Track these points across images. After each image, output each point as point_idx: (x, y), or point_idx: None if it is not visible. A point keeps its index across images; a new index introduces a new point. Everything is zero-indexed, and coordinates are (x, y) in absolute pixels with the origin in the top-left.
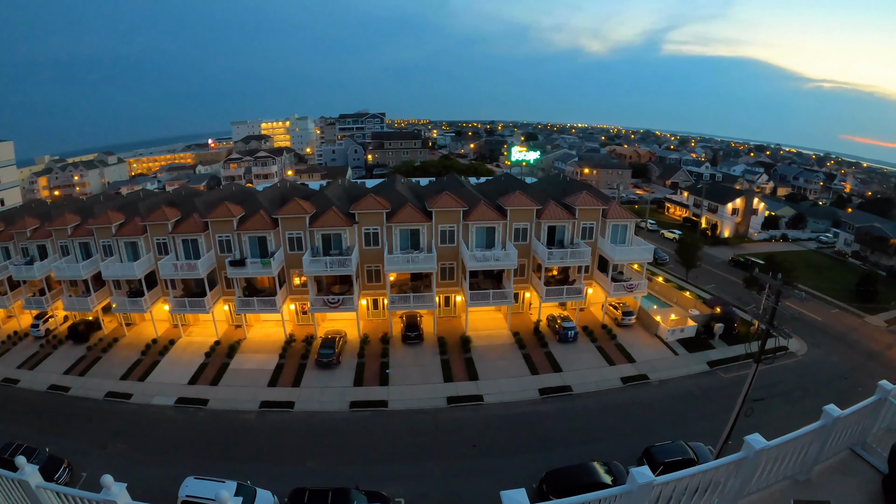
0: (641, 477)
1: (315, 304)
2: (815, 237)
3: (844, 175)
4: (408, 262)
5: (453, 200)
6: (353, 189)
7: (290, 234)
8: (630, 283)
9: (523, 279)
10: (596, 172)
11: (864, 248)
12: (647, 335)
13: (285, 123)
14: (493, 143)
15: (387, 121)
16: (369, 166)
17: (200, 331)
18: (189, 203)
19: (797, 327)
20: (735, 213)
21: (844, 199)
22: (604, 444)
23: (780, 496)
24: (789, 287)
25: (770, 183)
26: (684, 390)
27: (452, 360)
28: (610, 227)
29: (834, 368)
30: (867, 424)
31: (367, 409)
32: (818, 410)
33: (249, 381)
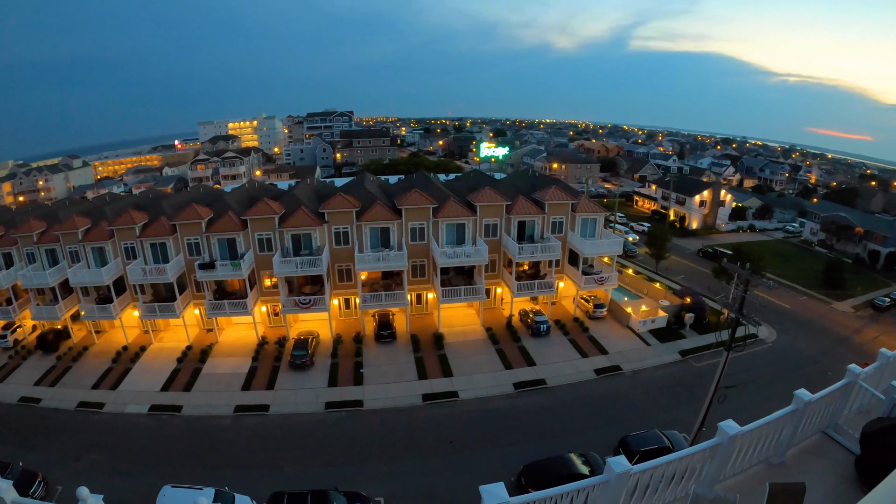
0: (618, 466)
1: (287, 306)
2: (782, 227)
3: (809, 166)
4: (379, 261)
5: (423, 198)
6: (323, 188)
7: (260, 236)
8: (601, 276)
9: (494, 275)
10: (565, 167)
11: (829, 236)
12: (618, 327)
13: (253, 123)
14: (462, 140)
15: (355, 119)
16: (338, 165)
17: (171, 336)
18: (156, 206)
19: (766, 315)
20: (703, 205)
21: (810, 189)
22: (580, 436)
23: (755, 480)
24: (757, 276)
25: (737, 175)
26: (657, 380)
27: (426, 357)
28: (579, 220)
29: (803, 354)
30: (838, 407)
31: (343, 409)
32: (789, 395)
33: (223, 386)
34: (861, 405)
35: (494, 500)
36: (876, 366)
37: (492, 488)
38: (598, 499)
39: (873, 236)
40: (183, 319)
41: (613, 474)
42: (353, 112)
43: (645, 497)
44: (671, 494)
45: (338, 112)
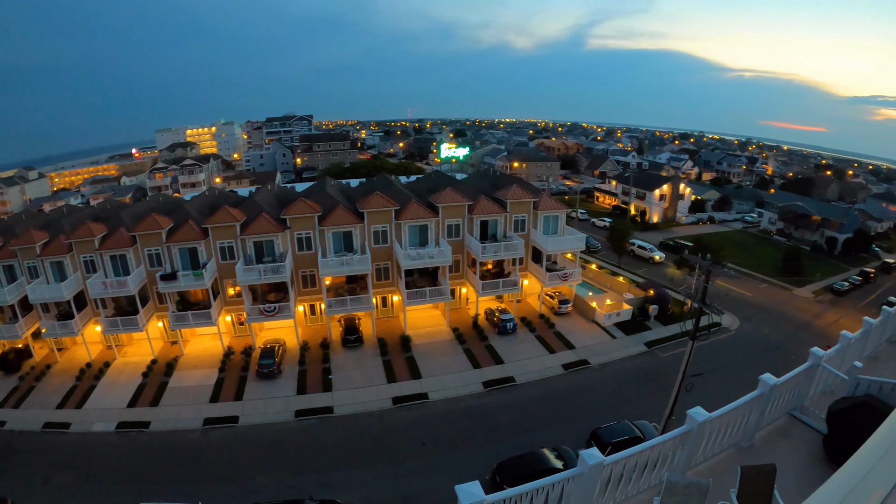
0: (592, 458)
1: (251, 314)
2: (741, 218)
3: (766, 158)
4: (342, 265)
5: (384, 200)
6: (284, 194)
7: (222, 244)
8: (564, 272)
9: (459, 275)
10: (525, 166)
11: (787, 225)
12: (584, 321)
13: (211, 129)
14: (423, 142)
15: (315, 123)
16: (298, 170)
17: (135, 350)
18: (115, 217)
19: (728, 304)
20: (663, 199)
21: (767, 180)
22: (551, 431)
23: (726, 464)
24: (718, 266)
25: (695, 168)
26: (625, 372)
27: (394, 360)
28: (541, 218)
29: (767, 340)
30: (803, 389)
31: (313, 416)
32: (755, 380)
33: (191, 399)
34: (825, 386)
35: (470, 499)
36: (838, 348)
37: (467, 487)
38: (574, 491)
39: (830, 224)
40: (146, 333)
41: (587, 466)
42: (312, 116)
43: (619, 487)
44: (645, 483)
45: (297, 116)
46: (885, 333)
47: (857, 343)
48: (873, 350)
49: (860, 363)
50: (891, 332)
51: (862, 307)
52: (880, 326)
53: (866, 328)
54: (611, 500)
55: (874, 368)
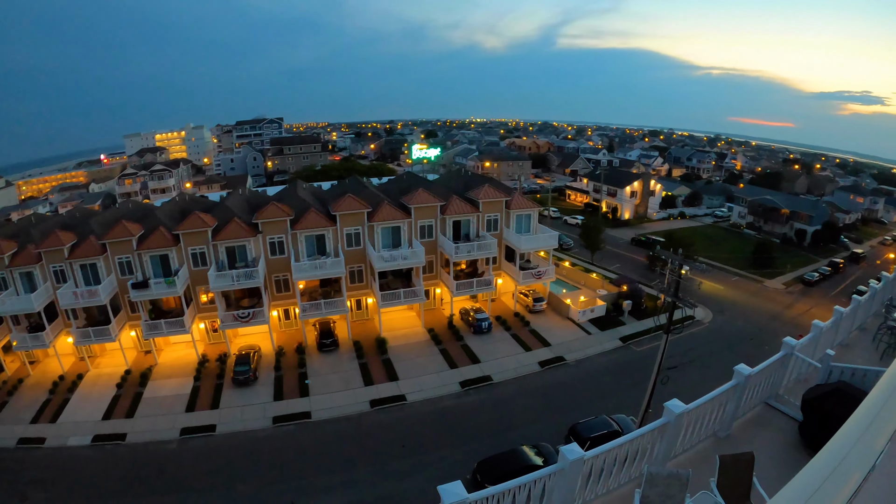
0: (572, 454)
1: (225, 321)
2: (711, 212)
3: (735, 154)
4: (316, 269)
5: (357, 202)
6: (255, 198)
7: (193, 250)
8: (538, 270)
9: (433, 275)
10: (497, 165)
11: (757, 219)
12: (559, 318)
13: (181, 134)
14: (394, 143)
15: (285, 125)
16: (269, 173)
17: (109, 361)
18: (84, 225)
19: (701, 297)
20: (634, 196)
21: (736, 175)
22: (530, 428)
23: (705, 454)
24: (690, 260)
25: (665, 165)
26: (601, 367)
27: (371, 363)
28: (514, 217)
29: (740, 331)
30: (777, 378)
31: (291, 422)
32: (730, 371)
33: (166, 409)
34: (799, 375)
35: (453, 498)
36: (810, 337)
37: (450, 487)
38: (556, 487)
39: (799, 216)
40: (119, 343)
41: (568, 462)
42: (283, 119)
43: (600, 481)
44: (625, 476)
45: (267, 119)
46: (856, 321)
47: (828, 332)
48: (845, 338)
49: (832, 351)
50: (861, 320)
51: (832, 297)
52: (851, 315)
53: (837, 317)
54: (592, 494)
55: (846, 356)
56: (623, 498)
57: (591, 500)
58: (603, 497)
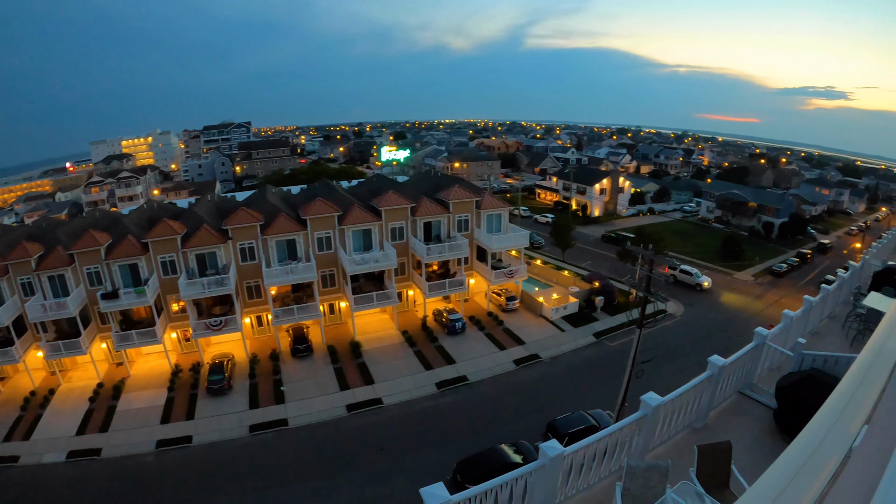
0: (552, 450)
1: (197, 329)
2: (680, 208)
3: (702, 150)
4: (287, 274)
5: (327, 206)
6: (224, 204)
7: (163, 258)
8: (510, 270)
9: (405, 277)
10: (466, 166)
11: (725, 213)
12: (532, 317)
13: (147, 140)
14: (363, 145)
15: (253, 129)
16: (238, 178)
17: (80, 375)
18: (51, 235)
19: (672, 291)
20: (603, 193)
21: (703, 171)
22: (508, 426)
23: (683, 445)
24: (661, 255)
25: (633, 162)
26: (575, 363)
27: (346, 367)
28: (484, 217)
29: (712, 324)
30: (751, 368)
31: (269, 430)
32: (704, 363)
33: (141, 422)
34: (772, 363)
35: (436, 500)
36: (781, 326)
37: (432, 489)
38: (537, 484)
39: (766, 209)
40: (90, 355)
41: (548, 458)
42: (250, 123)
43: (581, 476)
44: (605, 469)
45: (235, 123)
46: (826, 310)
47: (799, 321)
48: (815, 326)
49: (804, 339)
50: (830, 308)
51: (801, 287)
52: (820, 304)
53: (807, 306)
54: (574, 489)
55: (817, 343)
56: (605, 491)
57: (573, 496)
58: (584, 491)
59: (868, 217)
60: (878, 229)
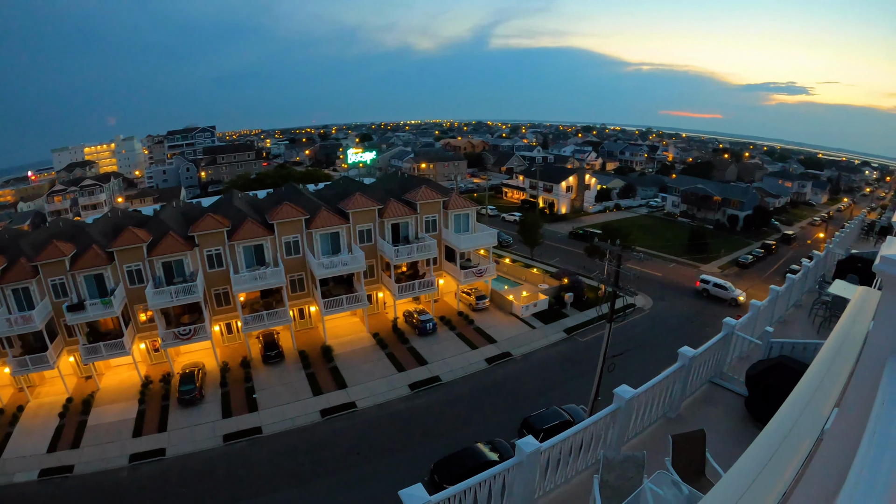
0: (528, 447)
1: (166, 339)
2: (645, 203)
3: (666, 146)
4: (256, 280)
5: (294, 210)
6: (190, 210)
7: (129, 267)
8: (479, 269)
9: (374, 280)
10: (433, 166)
11: (690, 207)
12: (503, 315)
13: (110, 146)
14: (329, 148)
15: (218, 134)
16: (203, 184)
17: (49, 390)
18: (14, 247)
19: (640, 285)
20: (569, 191)
21: (668, 166)
22: (483, 425)
23: (657, 435)
24: (628, 250)
25: (599, 159)
26: (547, 360)
27: (318, 372)
28: (452, 217)
29: (680, 316)
30: (721, 357)
31: (243, 439)
32: (674, 354)
33: (113, 436)
34: (741, 352)
35: (416, 502)
36: (749, 316)
37: (411, 491)
38: (515, 480)
39: (731, 203)
40: (58, 370)
41: (525, 455)
42: (215, 127)
43: (558, 470)
44: (582, 463)
45: (199, 128)
46: (792, 299)
47: (766, 310)
48: (782, 314)
49: (771, 328)
50: (796, 297)
51: (767, 277)
52: (786, 293)
53: (773, 295)
54: (552, 484)
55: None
56: (583, 484)
57: (552, 490)
58: (563, 486)
59: (830, 208)
60: (841, 219)
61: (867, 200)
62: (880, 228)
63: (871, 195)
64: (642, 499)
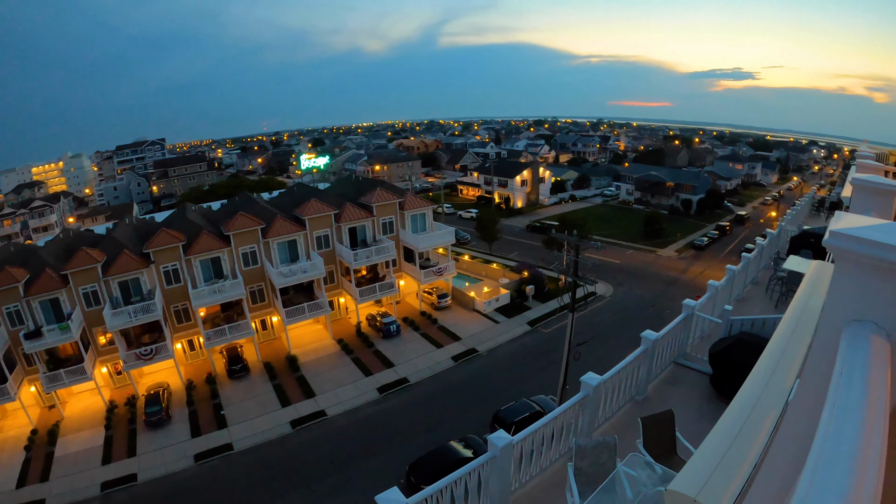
0: (500, 441)
1: (128, 361)
2: (600, 193)
3: (618, 135)
4: (215, 293)
5: (249, 220)
6: (144, 226)
7: (84, 289)
8: (439, 267)
9: (335, 286)
10: (387, 168)
11: (644, 194)
12: (465, 312)
13: (59, 164)
14: (281, 155)
15: (168, 146)
16: (156, 198)
17: (12, 423)
18: None
19: (600, 273)
20: (524, 185)
21: (620, 156)
22: (454, 423)
23: (627, 418)
24: (585, 240)
25: (552, 152)
26: (513, 353)
27: (284, 382)
28: (409, 217)
29: (641, 300)
30: (683, 338)
31: (214, 457)
32: (638, 339)
33: (82, 465)
34: (703, 332)
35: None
36: (707, 296)
37: (388, 495)
38: (491, 475)
39: (683, 187)
40: (20, 401)
41: (498, 449)
42: (165, 139)
43: (532, 461)
44: (556, 452)
45: (149, 141)
46: (748, 277)
47: (724, 289)
48: (740, 293)
49: (730, 306)
50: (753, 274)
51: (723, 257)
52: (742, 271)
53: (730, 275)
54: (527, 475)
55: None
56: (558, 473)
57: (528, 481)
58: (538, 476)
59: (781, 187)
60: (791, 197)
61: (816, 178)
62: (830, 204)
63: (819, 173)
64: (617, 482)
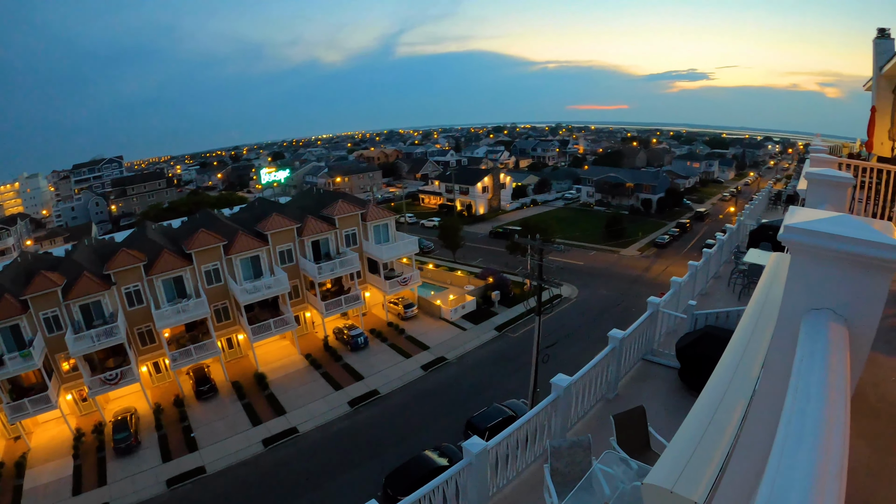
0: (475, 447)
1: (93, 387)
2: (561, 196)
3: (576, 139)
4: (179, 313)
5: (211, 237)
6: (104, 247)
7: (45, 315)
8: (403, 277)
9: (300, 300)
10: (348, 179)
11: (604, 196)
12: (432, 321)
13: (14, 185)
14: (241, 169)
15: (126, 164)
16: (115, 218)
17: None
18: None
19: (564, 275)
20: (486, 191)
21: (580, 159)
22: (427, 432)
23: (599, 417)
24: (548, 243)
25: (512, 158)
26: (482, 359)
27: (254, 401)
28: (371, 228)
29: (606, 300)
30: (650, 335)
31: (187, 481)
32: (605, 338)
33: (52, 497)
34: (669, 327)
35: None
36: (671, 292)
37: None
38: (468, 481)
39: (643, 188)
40: None
41: (473, 455)
42: (122, 157)
43: (508, 465)
44: (531, 455)
45: (106, 159)
46: (710, 271)
47: (687, 285)
48: (703, 287)
49: (694, 301)
50: (714, 269)
51: (684, 254)
52: (704, 267)
53: (692, 271)
54: (504, 479)
55: (707, 303)
56: (535, 475)
57: (505, 485)
58: (515, 479)
59: (738, 183)
60: (749, 193)
61: (772, 172)
62: (787, 197)
63: (775, 167)
64: (594, 480)
